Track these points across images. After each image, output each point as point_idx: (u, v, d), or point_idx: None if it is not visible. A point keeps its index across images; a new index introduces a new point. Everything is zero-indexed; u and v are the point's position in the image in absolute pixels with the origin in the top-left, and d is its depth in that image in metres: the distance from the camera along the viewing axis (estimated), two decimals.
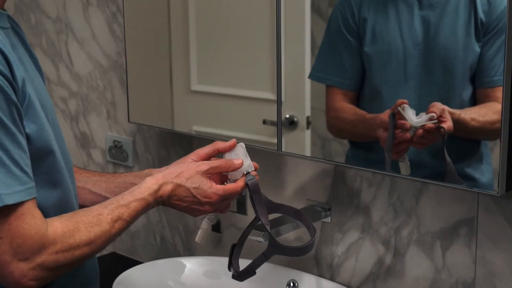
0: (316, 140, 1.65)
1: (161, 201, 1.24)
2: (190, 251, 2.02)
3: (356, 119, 1.56)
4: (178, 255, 2.05)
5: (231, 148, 1.32)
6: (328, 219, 1.67)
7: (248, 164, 1.30)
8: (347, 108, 1.56)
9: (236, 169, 1.30)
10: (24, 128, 1.08)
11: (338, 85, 1.57)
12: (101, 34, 2.13)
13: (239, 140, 1.36)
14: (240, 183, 1.29)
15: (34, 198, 1.07)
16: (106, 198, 1.27)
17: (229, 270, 1.34)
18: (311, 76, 1.61)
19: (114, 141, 2.17)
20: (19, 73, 1.08)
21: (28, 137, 1.09)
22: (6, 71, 1.04)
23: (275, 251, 1.29)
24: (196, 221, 1.45)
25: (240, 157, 1.31)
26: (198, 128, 1.87)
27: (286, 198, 1.74)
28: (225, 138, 1.78)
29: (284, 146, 1.67)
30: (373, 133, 1.50)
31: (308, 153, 1.66)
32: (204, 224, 1.37)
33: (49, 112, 1.20)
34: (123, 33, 1.98)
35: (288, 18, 1.62)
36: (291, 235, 1.72)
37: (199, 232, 1.37)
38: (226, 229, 1.90)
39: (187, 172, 1.26)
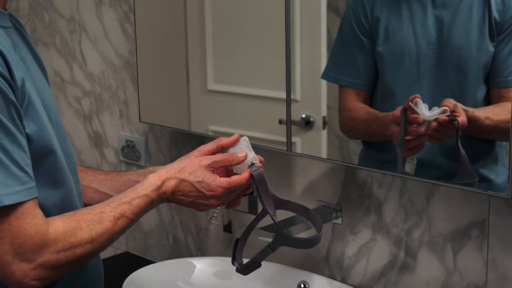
0: (333, 140, 1.66)
1: (165, 197, 1.24)
2: (202, 251, 2.03)
3: (368, 118, 1.57)
4: (191, 255, 2.07)
5: (234, 143, 1.32)
6: (339, 220, 1.68)
7: (252, 156, 1.30)
8: (359, 108, 1.57)
9: (240, 162, 1.29)
10: (24, 128, 1.09)
11: (351, 85, 1.58)
12: (113, 33, 2.16)
13: (256, 139, 1.36)
14: (244, 175, 1.27)
15: (35, 198, 1.08)
16: (111, 197, 1.27)
17: (233, 264, 1.33)
18: (324, 76, 1.62)
19: (127, 140, 2.19)
20: (19, 73, 1.08)
21: (28, 137, 1.10)
22: (4, 71, 1.04)
23: (281, 242, 1.28)
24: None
25: (244, 151, 1.30)
26: (214, 128, 1.88)
27: (297, 198, 1.75)
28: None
29: (301, 146, 1.69)
30: (385, 131, 1.51)
31: (325, 153, 1.67)
32: (211, 226, 1.38)
33: (52, 112, 1.20)
34: (135, 32, 2.00)
35: (304, 16, 1.63)
36: (302, 236, 1.73)
37: (208, 233, 1.38)
38: (238, 230, 1.92)
39: (190, 167, 1.25)
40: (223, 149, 1.34)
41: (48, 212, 1.11)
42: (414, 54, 1.47)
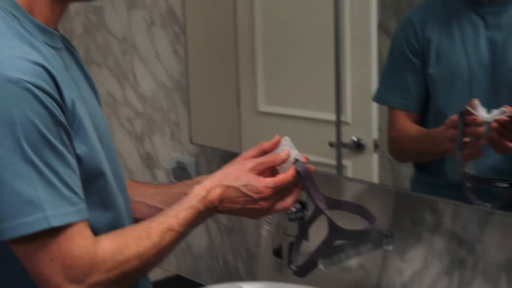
0: (384, 163, 1.63)
1: (213, 207, 1.22)
2: (252, 275, 2.02)
3: (419, 135, 1.54)
4: (240, 278, 2.05)
5: (276, 145, 1.29)
6: (390, 247, 1.65)
7: (295, 153, 1.26)
8: (409, 127, 1.54)
9: (283, 160, 1.25)
10: (74, 150, 1.10)
11: (402, 107, 1.55)
12: (164, 54, 2.18)
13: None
14: (290, 171, 1.24)
15: (86, 219, 1.09)
16: (162, 211, 1.27)
17: (289, 267, 1.30)
18: (375, 99, 1.59)
19: (178, 162, 2.20)
20: (69, 94, 1.09)
21: (78, 159, 1.11)
22: (54, 92, 1.05)
23: (336, 236, 1.24)
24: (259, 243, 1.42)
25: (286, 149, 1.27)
26: None
27: (346, 223, 1.72)
28: None
29: (351, 169, 1.66)
30: (438, 147, 1.47)
31: (376, 177, 1.64)
32: (263, 231, 1.34)
33: (103, 133, 1.21)
34: (186, 54, 2.01)
35: (354, 38, 1.62)
36: (353, 263, 1.70)
37: (260, 239, 1.35)
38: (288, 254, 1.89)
39: (233, 173, 1.23)
40: (265, 153, 1.31)
41: (98, 234, 1.12)
42: (466, 76, 1.43)
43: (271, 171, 1.28)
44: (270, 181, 1.23)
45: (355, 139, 1.66)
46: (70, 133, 1.09)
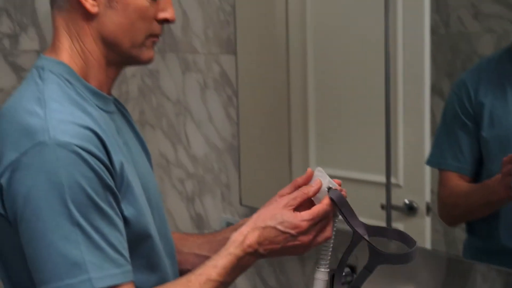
0: (437, 227, 1.61)
1: (253, 251, 1.18)
2: None
3: (473, 187, 1.51)
4: None
5: (309, 178, 1.24)
6: None
7: (327, 181, 1.22)
8: (461, 184, 1.52)
9: (316, 191, 1.21)
10: (122, 212, 1.10)
11: (455, 169, 1.54)
12: (217, 116, 2.20)
13: None
14: (324, 201, 1.19)
15: (131, 281, 1.08)
16: None
17: None
18: (428, 162, 1.58)
19: (228, 223, 2.19)
20: (118, 157, 1.11)
21: (126, 221, 1.11)
22: (103, 156, 1.07)
23: (378, 261, 1.19)
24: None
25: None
26: None
27: (395, 286, 1.68)
28: (345, 222, 1.79)
29: None
30: (494, 196, 1.44)
31: (428, 241, 1.61)
32: (320, 274, 1.26)
33: (152, 195, 1.22)
34: (237, 116, 2.03)
35: (407, 99, 1.61)
36: None
37: (318, 283, 1.26)
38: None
39: (268, 213, 1.19)
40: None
41: None
42: None
43: (309, 205, 1.23)
44: (305, 214, 1.18)
45: (407, 202, 1.63)
46: (118, 196, 1.10)
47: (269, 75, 1.96)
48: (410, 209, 1.64)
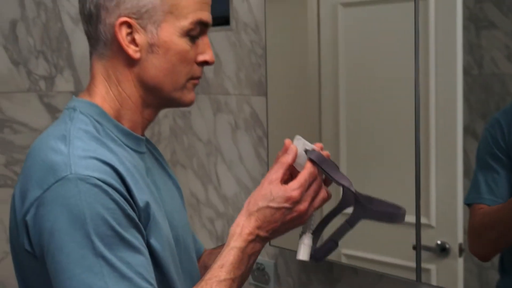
0: (471, 268, 1.58)
1: (255, 238, 1.15)
2: None
3: (503, 205, 1.48)
4: None
5: (287, 149, 1.21)
6: None
7: (302, 143, 1.19)
8: (493, 209, 1.49)
9: (293, 157, 1.18)
10: (149, 244, 1.11)
11: (489, 202, 1.52)
12: (247, 157, 2.20)
13: (389, 265, 1.28)
14: (307, 165, 1.16)
15: None
16: None
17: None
18: (465, 201, 1.56)
19: (257, 263, 2.18)
20: (143, 196, 1.11)
21: (152, 253, 1.11)
22: (122, 189, 1.07)
23: (361, 215, 1.16)
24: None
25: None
26: (347, 251, 1.84)
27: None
28: (376, 263, 1.78)
29: (435, 274, 1.62)
30: None
31: (461, 283, 1.59)
32: (305, 239, 1.22)
33: (181, 234, 1.23)
34: (267, 157, 2.03)
35: (439, 140, 1.61)
36: None
37: (304, 248, 1.22)
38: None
39: (257, 196, 1.15)
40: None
41: None
42: None
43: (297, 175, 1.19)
44: (293, 183, 1.15)
45: (439, 242, 1.61)
46: (141, 228, 1.09)
47: (300, 116, 1.96)
48: (442, 250, 1.62)
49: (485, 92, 1.56)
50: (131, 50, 1.15)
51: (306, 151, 1.18)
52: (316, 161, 1.16)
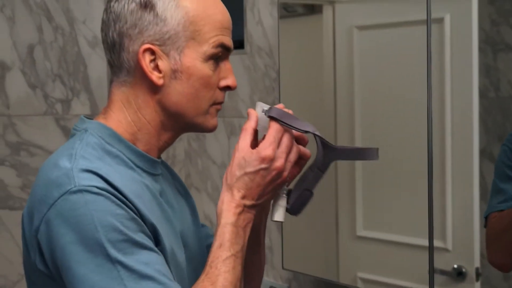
0: None
1: (243, 208, 1.12)
2: None
3: None
4: None
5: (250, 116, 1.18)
6: None
7: (260, 106, 1.16)
8: (507, 212, 1.48)
9: (255, 120, 1.15)
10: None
11: (503, 207, 1.50)
12: None
13: None
14: (270, 123, 1.14)
15: None
16: None
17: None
18: (484, 214, 1.54)
19: (270, 287, 2.15)
20: (151, 217, 1.10)
21: None
22: (121, 196, 1.07)
23: (331, 157, 1.12)
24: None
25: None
26: (363, 275, 1.83)
27: None
28: (392, 287, 1.77)
29: None
30: None
31: None
32: (283, 201, 1.18)
33: (194, 253, 1.22)
34: None
35: (455, 163, 1.59)
36: None
37: (279, 209, 1.17)
38: None
39: (232, 168, 1.13)
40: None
41: None
42: None
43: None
44: (262, 143, 1.13)
45: (456, 266, 1.59)
46: (148, 232, 1.09)
47: (312, 141, 1.95)
48: (459, 274, 1.59)
49: (502, 115, 1.54)
50: (155, 76, 1.14)
51: (265, 112, 1.16)
52: (276, 116, 1.14)
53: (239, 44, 2.25)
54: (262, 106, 1.17)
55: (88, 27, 2.34)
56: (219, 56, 1.17)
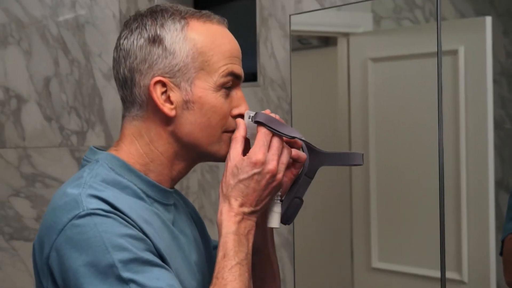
0: None
1: (243, 216, 1.11)
2: None
3: None
4: None
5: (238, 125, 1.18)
6: None
7: (247, 113, 1.15)
8: None
9: (244, 128, 1.14)
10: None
11: None
12: None
13: None
14: (258, 128, 1.13)
15: None
16: None
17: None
18: (501, 238, 1.52)
19: None
20: (159, 243, 1.09)
21: None
22: (126, 217, 1.07)
23: (317, 163, 1.10)
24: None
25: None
26: None
27: None
28: None
29: None
30: None
31: None
32: (277, 206, 1.16)
33: (205, 283, 1.20)
34: None
35: (470, 194, 1.57)
36: None
37: (274, 216, 1.16)
38: None
39: (225, 180, 1.13)
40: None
41: None
42: None
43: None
44: (252, 149, 1.12)
45: None
46: (155, 252, 1.08)
47: (328, 172, 1.94)
48: None
49: None
50: (167, 108, 1.14)
51: (251, 118, 1.14)
52: (263, 121, 1.12)
53: (252, 76, 2.25)
54: (249, 113, 1.16)
55: (104, 60, 2.34)
56: (230, 85, 1.16)
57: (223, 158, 1.19)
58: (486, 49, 1.54)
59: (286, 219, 1.16)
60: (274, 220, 1.16)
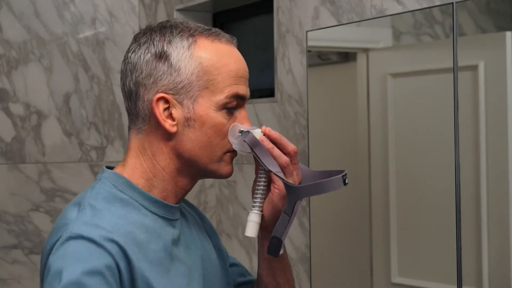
0: None
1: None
2: None
3: None
4: None
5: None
6: None
7: (240, 129, 1.15)
8: None
9: (231, 139, 1.15)
10: None
11: None
12: (291, 227, 2.11)
13: None
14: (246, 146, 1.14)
15: None
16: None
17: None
18: None
19: None
20: (145, 269, 1.08)
21: None
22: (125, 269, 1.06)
23: (294, 197, 1.08)
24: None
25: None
26: None
27: None
28: None
29: None
30: None
31: None
32: (254, 216, 1.16)
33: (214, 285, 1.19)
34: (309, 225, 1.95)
35: (491, 211, 1.53)
36: None
37: (250, 225, 1.16)
38: None
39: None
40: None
41: None
42: None
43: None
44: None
45: None
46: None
47: (347, 187, 1.89)
48: None
49: None
50: (168, 124, 1.13)
51: (241, 132, 1.14)
52: (248, 143, 1.14)
53: (269, 92, 2.21)
54: (241, 129, 1.15)
55: None
56: (233, 105, 1.15)
57: (223, 176, 1.18)
58: (506, 64, 1.49)
59: (271, 255, 1.16)
60: (252, 229, 1.15)
